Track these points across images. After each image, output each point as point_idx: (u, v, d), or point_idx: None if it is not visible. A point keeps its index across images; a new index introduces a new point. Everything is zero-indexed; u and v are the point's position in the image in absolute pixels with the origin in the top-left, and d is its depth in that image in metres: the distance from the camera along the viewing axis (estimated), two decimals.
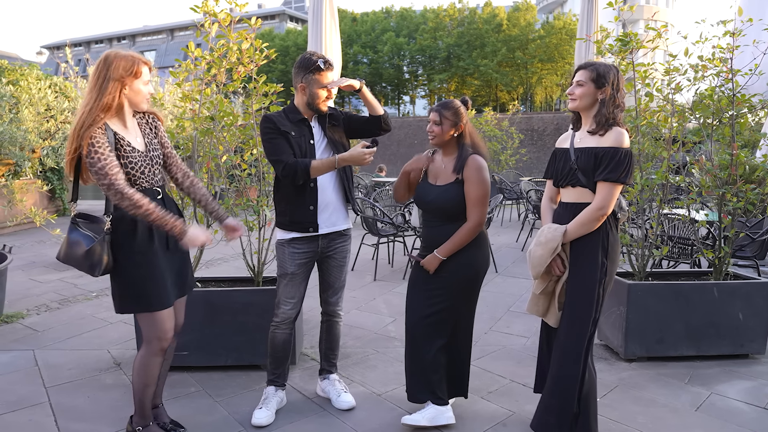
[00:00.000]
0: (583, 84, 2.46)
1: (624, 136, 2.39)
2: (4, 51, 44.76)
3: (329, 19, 6.85)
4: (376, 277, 5.84)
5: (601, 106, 2.44)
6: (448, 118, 2.69)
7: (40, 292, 5.26)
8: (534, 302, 2.63)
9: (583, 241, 2.45)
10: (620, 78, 2.46)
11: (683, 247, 4.85)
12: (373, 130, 2.93)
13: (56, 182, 9.96)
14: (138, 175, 2.32)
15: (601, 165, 2.39)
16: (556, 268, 2.52)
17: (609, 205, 2.38)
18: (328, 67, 2.73)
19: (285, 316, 2.84)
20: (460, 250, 2.67)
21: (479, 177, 2.65)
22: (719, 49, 3.62)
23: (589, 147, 2.44)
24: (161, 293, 2.36)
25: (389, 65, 42.81)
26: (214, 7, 3.35)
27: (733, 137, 3.68)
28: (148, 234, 2.33)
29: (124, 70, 2.23)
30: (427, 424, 2.68)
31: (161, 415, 2.68)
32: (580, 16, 7.45)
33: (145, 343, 2.41)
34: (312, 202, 2.75)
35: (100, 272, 2.28)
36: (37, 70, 9.65)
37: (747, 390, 3.18)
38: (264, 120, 2.75)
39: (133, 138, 2.36)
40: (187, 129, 3.55)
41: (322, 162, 2.66)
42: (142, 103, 2.35)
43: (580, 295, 2.47)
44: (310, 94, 2.73)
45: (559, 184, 2.59)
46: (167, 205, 2.43)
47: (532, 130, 27.91)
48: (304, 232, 2.77)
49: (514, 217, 10.51)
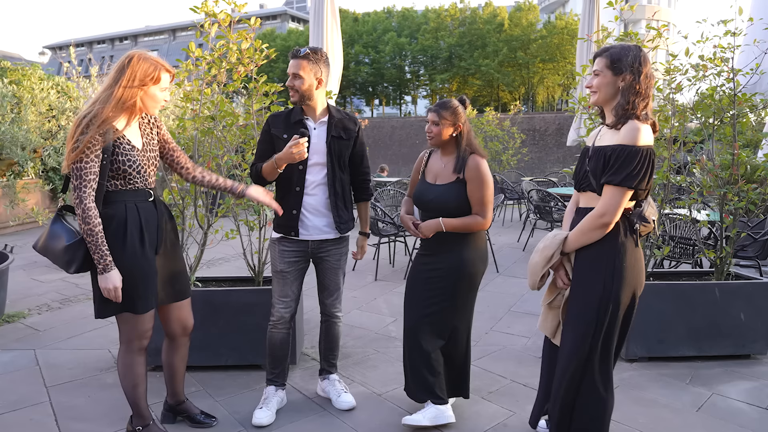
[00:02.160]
0: (599, 73, 2.14)
1: (640, 132, 2.04)
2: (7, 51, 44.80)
3: (331, 19, 6.85)
4: (377, 277, 5.84)
5: (621, 95, 2.10)
6: (447, 118, 2.69)
7: (41, 292, 5.27)
8: (543, 318, 2.40)
9: (587, 255, 2.15)
10: (643, 60, 2.08)
11: (685, 247, 4.84)
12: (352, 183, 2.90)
13: (58, 182, 9.96)
14: (134, 174, 2.31)
15: (607, 165, 2.09)
16: (559, 280, 2.28)
17: (612, 212, 2.07)
18: (293, 55, 2.66)
19: (279, 315, 2.83)
20: (458, 249, 2.68)
21: (482, 176, 2.65)
22: (720, 48, 3.61)
23: (603, 146, 2.15)
24: (147, 296, 2.32)
25: (391, 65, 42.78)
26: (213, 7, 3.36)
27: (734, 137, 3.67)
28: (138, 236, 2.30)
29: (145, 75, 2.23)
30: (428, 423, 2.68)
31: (190, 408, 2.72)
32: (581, 16, 7.45)
33: (125, 343, 2.37)
34: (296, 207, 2.72)
35: (75, 270, 2.24)
36: (39, 71, 9.67)
37: (749, 390, 3.17)
38: (267, 119, 2.81)
39: (133, 136, 2.35)
40: (188, 129, 3.56)
41: (267, 163, 2.65)
42: (154, 109, 2.34)
43: (574, 321, 2.19)
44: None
45: (579, 188, 2.29)
46: (158, 209, 2.41)
47: (534, 130, 27.84)
48: (287, 234, 2.77)
49: (515, 217, 10.50)
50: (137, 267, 2.29)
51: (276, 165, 2.61)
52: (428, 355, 2.71)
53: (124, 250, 2.26)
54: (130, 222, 2.27)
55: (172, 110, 8.96)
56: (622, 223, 2.14)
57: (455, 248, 2.69)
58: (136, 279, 2.28)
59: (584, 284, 2.18)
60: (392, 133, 30.51)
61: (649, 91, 2.11)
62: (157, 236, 2.38)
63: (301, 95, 2.68)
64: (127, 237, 2.27)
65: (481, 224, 2.67)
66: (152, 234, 2.35)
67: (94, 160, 2.17)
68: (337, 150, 2.76)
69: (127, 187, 2.31)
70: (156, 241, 2.38)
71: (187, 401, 2.75)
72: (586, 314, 2.16)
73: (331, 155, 2.75)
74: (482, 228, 2.69)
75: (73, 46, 9.42)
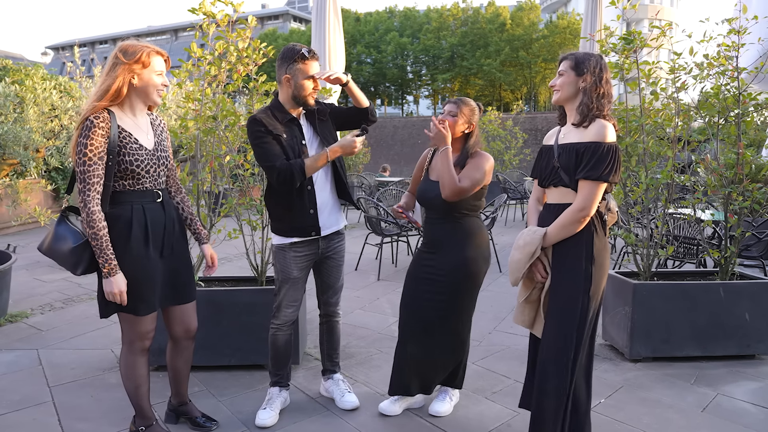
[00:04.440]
0: (563, 73, 2.32)
1: (608, 129, 2.21)
2: (9, 52, 44.91)
3: (333, 19, 6.85)
4: (379, 277, 5.83)
5: (583, 95, 2.27)
6: (465, 113, 2.70)
7: (44, 292, 5.27)
8: (520, 311, 2.47)
9: (564, 246, 2.28)
10: (603, 67, 2.28)
11: (689, 247, 4.83)
12: (360, 121, 2.85)
13: (60, 182, 9.98)
14: (143, 174, 2.28)
15: (582, 162, 2.21)
16: (537, 274, 2.36)
17: (591, 206, 2.20)
18: (313, 56, 2.62)
19: (287, 319, 2.82)
20: (461, 248, 2.69)
21: (480, 164, 2.66)
22: (724, 47, 3.59)
23: (571, 143, 2.28)
24: (150, 298, 2.31)
25: (393, 65, 42.78)
26: (211, 8, 3.35)
27: (739, 136, 3.65)
28: (143, 237, 2.28)
29: (130, 57, 2.18)
30: (450, 407, 2.88)
31: (192, 410, 2.71)
32: (584, 15, 7.44)
33: (127, 344, 2.36)
34: (312, 206, 2.70)
35: (82, 271, 2.24)
36: (42, 70, 9.67)
37: (754, 391, 3.16)
38: (252, 122, 2.61)
39: (143, 135, 2.32)
40: (190, 129, 3.56)
41: (315, 158, 2.59)
42: (152, 94, 2.28)
43: (562, 306, 2.28)
44: (296, 86, 2.61)
45: (544, 184, 2.42)
46: (166, 210, 2.39)
47: (536, 129, 27.84)
48: (306, 237, 2.73)
49: (518, 216, 10.49)
50: (140, 269, 2.27)
51: (329, 157, 2.59)
52: (426, 351, 2.74)
53: (127, 252, 2.24)
54: (135, 223, 2.26)
55: (174, 110, 8.96)
56: (594, 214, 2.28)
57: (458, 247, 2.69)
58: (138, 281, 2.26)
59: (566, 274, 2.29)
60: (394, 133, 30.50)
61: (610, 94, 2.30)
62: (163, 238, 2.36)
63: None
64: (131, 238, 2.25)
65: (454, 185, 2.57)
66: (158, 236, 2.33)
67: (98, 162, 2.15)
68: (326, 134, 2.77)
69: (135, 188, 2.28)
70: (161, 243, 2.36)
71: (190, 403, 2.74)
72: (571, 305, 2.26)
73: (327, 142, 2.74)
74: (450, 188, 2.58)
75: (78, 46, 9.43)
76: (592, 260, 2.25)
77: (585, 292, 2.25)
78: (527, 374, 2.63)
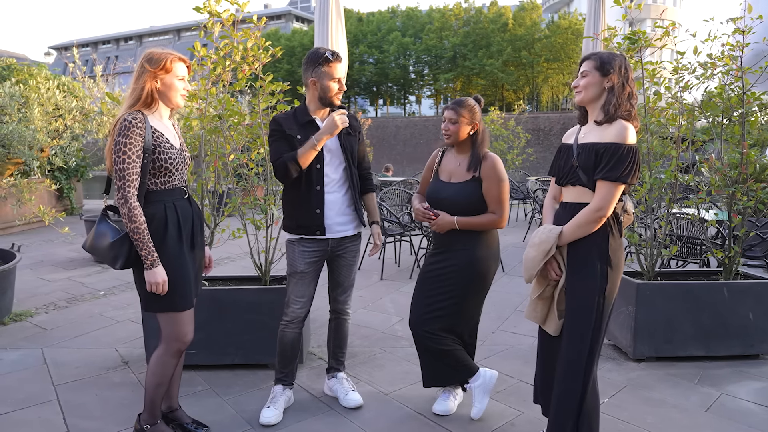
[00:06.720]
0: (587, 74, 2.28)
1: (628, 130, 2.19)
2: (13, 52, 45.06)
3: (335, 19, 6.84)
4: (382, 277, 5.84)
5: (608, 94, 2.25)
6: (465, 116, 2.70)
7: (48, 291, 5.29)
8: (532, 308, 2.48)
9: (580, 246, 2.28)
10: (628, 67, 2.26)
11: (692, 247, 4.82)
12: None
13: (64, 181, 10.01)
14: (174, 171, 2.37)
15: (601, 162, 2.21)
16: (551, 272, 2.36)
17: (608, 207, 2.20)
18: (337, 58, 2.70)
19: (294, 315, 2.83)
20: (471, 247, 2.68)
21: (498, 174, 2.67)
22: (728, 46, 3.59)
23: (591, 143, 2.27)
24: (187, 293, 2.38)
25: (395, 65, 42.81)
26: (216, 7, 3.36)
27: (742, 136, 3.65)
28: (177, 233, 2.36)
29: (155, 64, 2.29)
30: (454, 406, 2.88)
31: (181, 416, 2.70)
32: (587, 15, 7.42)
33: (164, 342, 2.42)
34: (319, 206, 2.74)
35: (121, 265, 2.30)
36: (45, 70, 9.70)
37: (757, 391, 3.16)
38: (272, 122, 2.76)
39: (171, 135, 2.41)
40: (194, 128, 3.57)
41: (304, 147, 2.64)
42: (175, 98, 2.38)
43: (578, 306, 2.29)
44: (321, 88, 2.71)
45: (561, 183, 2.41)
46: (192, 206, 2.48)
47: (539, 129, 27.85)
48: (311, 235, 2.77)
49: (521, 216, 10.48)
50: (177, 267, 2.34)
51: (316, 142, 2.62)
52: (441, 345, 2.74)
53: (164, 249, 2.31)
54: (170, 222, 2.34)
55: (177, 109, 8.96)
56: (610, 215, 2.29)
57: (468, 246, 2.70)
58: (175, 278, 2.33)
59: (581, 274, 2.29)
60: (396, 133, 30.48)
61: (635, 95, 2.29)
62: (192, 233, 2.45)
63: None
64: (167, 237, 2.33)
65: (497, 222, 2.67)
66: (188, 231, 2.42)
67: (135, 160, 2.23)
68: (348, 146, 2.82)
69: (166, 186, 2.36)
70: (192, 239, 2.44)
71: (179, 409, 2.71)
72: (587, 305, 2.26)
73: (345, 151, 2.79)
74: (498, 226, 2.69)
75: (78, 47, 9.44)
76: (608, 260, 2.26)
77: (600, 292, 2.25)
78: (537, 370, 2.62)
